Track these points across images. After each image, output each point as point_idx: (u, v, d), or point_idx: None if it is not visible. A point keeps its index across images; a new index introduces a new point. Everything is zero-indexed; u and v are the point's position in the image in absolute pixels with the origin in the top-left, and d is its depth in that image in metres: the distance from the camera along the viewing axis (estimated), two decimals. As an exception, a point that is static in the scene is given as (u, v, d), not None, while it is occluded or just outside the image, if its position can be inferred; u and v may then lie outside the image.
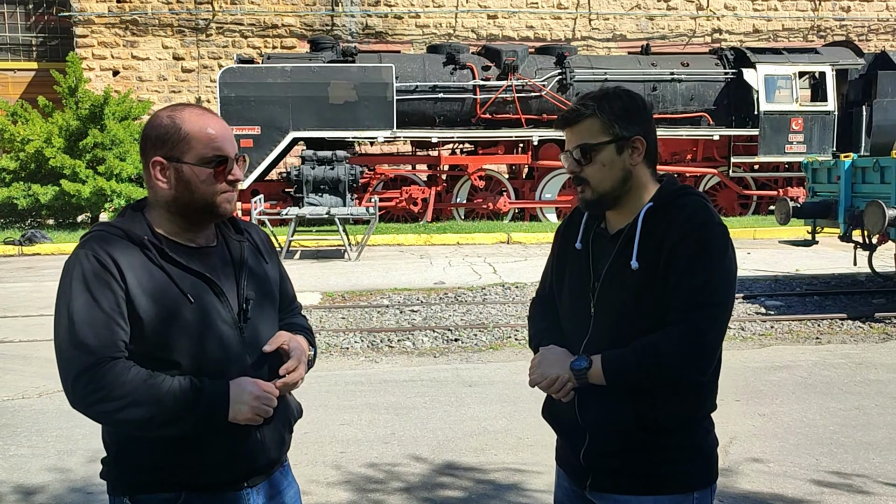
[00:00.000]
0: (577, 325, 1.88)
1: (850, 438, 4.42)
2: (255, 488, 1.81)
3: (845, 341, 6.94)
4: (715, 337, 1.74)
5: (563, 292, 1.95)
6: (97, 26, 19.69)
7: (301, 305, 2.06)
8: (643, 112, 1.85)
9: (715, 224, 1.77)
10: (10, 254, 12.93)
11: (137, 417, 1.60)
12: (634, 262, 1.77)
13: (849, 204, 8.57)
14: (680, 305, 1.72)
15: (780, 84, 15.74)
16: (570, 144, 1.85)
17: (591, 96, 1.84)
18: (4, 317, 7.98)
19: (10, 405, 5.18)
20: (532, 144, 15.38)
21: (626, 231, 1.82)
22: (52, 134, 15.01)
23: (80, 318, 1.60)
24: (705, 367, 1.75)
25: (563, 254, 1.98)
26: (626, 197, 1.83)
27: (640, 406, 1.76)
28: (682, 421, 1.79)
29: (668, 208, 1.80)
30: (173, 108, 1.75)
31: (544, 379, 1.85)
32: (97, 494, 3.76)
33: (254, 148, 14.20)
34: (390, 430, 4.60)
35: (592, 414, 1.82)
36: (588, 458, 1.84)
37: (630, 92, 1.88)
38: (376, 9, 20.19)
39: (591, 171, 1.82)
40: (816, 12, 21.32)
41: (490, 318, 7.74)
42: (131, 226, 1.71)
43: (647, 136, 1.83)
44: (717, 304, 1.73)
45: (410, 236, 13.70)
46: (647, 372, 1.73)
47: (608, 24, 20.89)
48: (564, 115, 1.86)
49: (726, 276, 1.75)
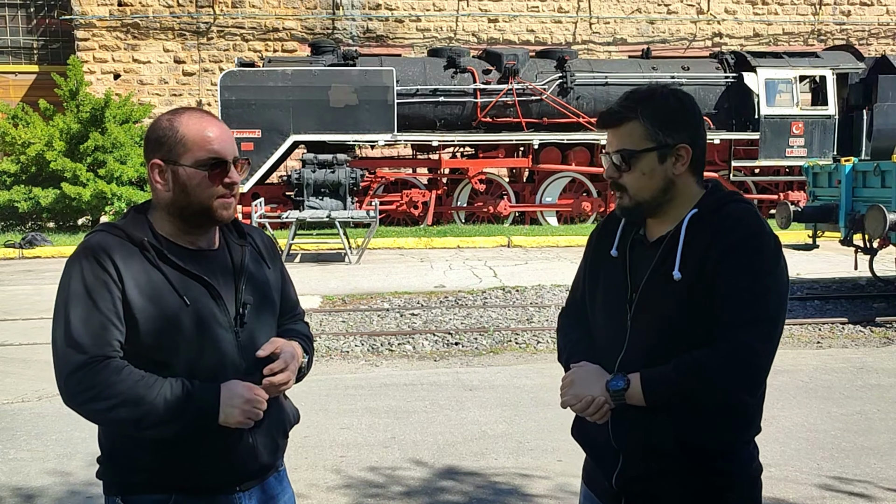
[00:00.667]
0: (612, 339, 1.75)
1: (852, 443, 4.41)
2: (248, 493, 1.80)
3: (846, 346, 6.93)
4: (766, 355, 1.61)
5: (596, 303, 1.82)
6: (98, 29, 19.72)
7: (303, 312, 2.04)
8: (691, 117, 1.72)
9: (766, 233, 1.65)
10: (10, 257, 12.94)
11: (128, 417, 1.61)
12: (677, 271, 1.64)
13: (850, 208, 8.57)
14: (728, 321, 1.59)
15: (780, 88, 15.75)
16: (610, 147, 1.73)
17: (636, 96, 1.71)
18: (4, 320, 7.98)
19: (10, 408, 5.18)
20: (533, 148, 15.39)
21: (667, 238, 1.69)
22: (52, 137, 15.02)
23: (77, 317, 1.62)
24: (755, 387, 1.63)
25: (597, 261, 1.85)
26: (667, 205, 1.71)
27: (682, 427, 1.64)
28: (727, 444, 1.66)
29: (715, 215, 1.67)
30: (174, 112, 1.76)
31: (578, 401, 1.71)
32: (97, 498, 3.75)
33: (254, 151, 14.20)
34: (390, 435, 4.59)
35: (628, 435, 1.70)
36: (621, 481, 1.71)
37: (678, 93, 1.74)
38: (377, 12, 20.21)
39: (629, 179, 1.70)
40: (817, 16, 21.34)
41: (490, 322, 7.73)
42: (133, 227, 1.72)
43: (693, 143, 1.70)
44: (769, 320, 1.61)
45: (411, 240, 13.70)
46: (692, 393, 1.60)
47: (609, 28, 20.91)
48: (605, 116, 1.74)
49: (778, 289, 1.63)
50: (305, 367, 1.88)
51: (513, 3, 20.61)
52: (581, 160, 15.66)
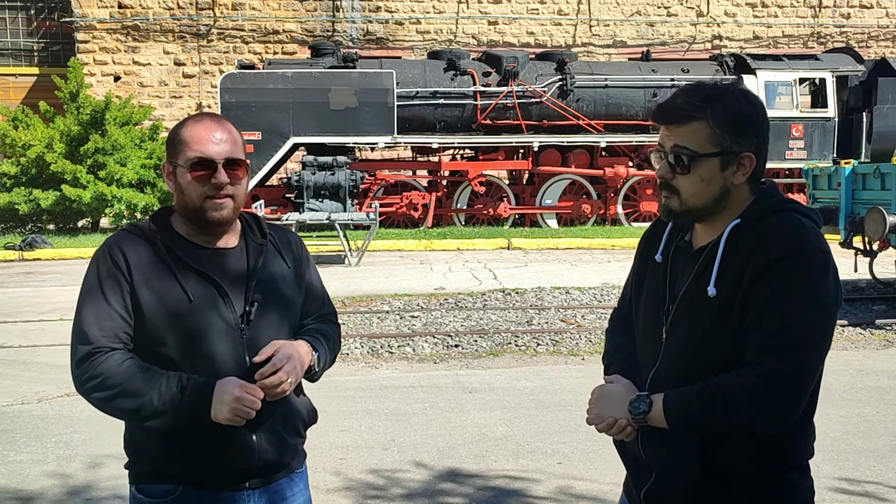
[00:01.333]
0: (648, 351, 1.67)
1: (851, 445, 4.41)
2: (257, 491, 1.82)
3: (846, 348, 6.93)
4: (795, 384, 1.48)
5: (639, 310, 1.74)
6: (99, 32, 19.74)
7: (333, 311, 2.04)
8: (760, 124, 1.58)
9: (812, 249, 1.49)
10: (10, 259, 12.93)
11: (126, 408, 1.69)
12: (712, 287, 1.53)
13: (849, 210, 8.58)
14: (756, 346, 1.48)
15: (780, 90, 15.76)
16: (665, 144, 1.58)
17: (706, 93, 1.55)
18: (4, 322, 7.98)
19: (10, 411, 5.17)
20: (532, 150, 15.39)
21: (707, 250, 1.58)
22: (53, 139, 15.03)
23: (88, 310, 1.72)
24: (783, 417, 1.49)
25: (643, 265, 1.75)
26: (717, 214, 1.59)
27: (706, 450, 1.55)
28: (762, 472, 1.56)
29: (757, 227, 1.54)
30: (190, 116, 1.84)
31: (601, 421, 1.65)
32: (96, 500, 3.76)
33: (254, 153, 14.20)
34: (390, 437, 4.59)
35: (654, 454, 1.63)
36: (649, 497, 1.66)
37: (750, 95, 1.59)
38: (377, 15, 20.23)
39: (685, 183, 1.56)
40: (816, 19, 21.37)
41: (490, 324, 7.73)
42: (151, 225, 1.81)
43: (758, 152, 1.57)
44: (800, 346, 1.47)
45: (411, 242, 13.71)
46: (714, 419, 1.51)
47: (609, 31, 20.93)
48: (667, 110, 1.58)
49: (818, 311, 1.49)
50: (317, 365, 1.86)
51: (513, 6, 20.63)
52: (581, 162, 15.66)
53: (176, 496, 1.77)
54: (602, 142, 15.36)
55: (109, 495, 3.77)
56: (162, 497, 1.78)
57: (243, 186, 1.81)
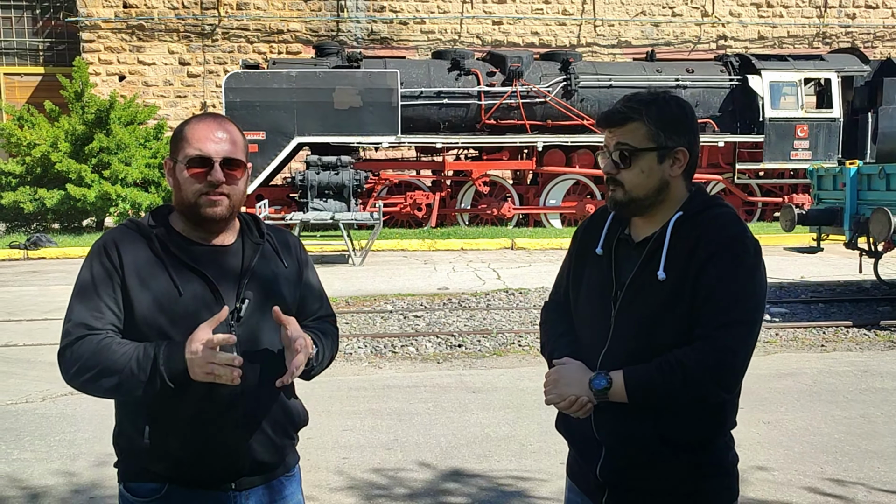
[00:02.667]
0: (595, 335, 1.81)
1: (856, 447, 4.40)
2: (246, 492, 1.81)
3: (850, 349, 6.91)
4: (744, 356, 1.68)
5: (580, 299, 1.88)
6: (104, 31, 19.78)
7: (331, 315, 2.03)
8: (690, 123, 1.80)
9: (748, 238, 1.72)
10: (15, 258, 12.97)
11: (111, 385, 1.69)
12: (661, 272, 1.71)
13: (854, 211, 8.55)
14: (709, 321, 1.66)
15: (785, 91, 15.72)
16: (609, 143, 1.79)
17: (639, 99, 1.78)
18: (9, 320, 8.00)
19: (14, 409, 5.19)
20: (537, 150, 15.38)
21: (653, 239, 1.76)
22: (58, 138, 15.06)
23: (78, 303, 1.76)
24: (732, 385, 1.70)
25: (581, 258, 1.91)
26: (657, 205, 1.78)
27: (663, 422, 1.71)
28: (706, 438, 1.75)
29: (699, 218, 1.74)
30: (196, 115, 1.86)
31: (562, 399, 1.77)
32: (101, 499, 3.76)
33: (259, 153, 14.22)
34: (393, 436, 4.60)
35: (610, 429, 1.76)
36: (605, 472, 1.78)
37: (679, 100, 1.82)
38: (381, 14, 20.24)
39: (627, 176, 1.75)
40: (822, 19, 21.32)
41: (494, 324, 7.73)
42: (148, 221, 1.83)
43: (690, 148, 1.78)
44: (748, 322, 1.68)
45: (414, 242, 13.71)
46: (673, 391, 1.67)
47: (613, 31, 20.91)
48: (608, 115, 1.79)
49: (757, 292, 1.70)
50: (315, 360, 1.85)
51: (517, 6, 20.62)
52: (585, 162, 15.65)
53: (161, 495, 1.78)
54: (606, 142, 15.33)
55: (113, 493, 3.78)
56: (148, 496, 1.79)
57: (240, 187, 1.82)
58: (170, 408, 1.73)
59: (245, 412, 1.77)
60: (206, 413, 1.74)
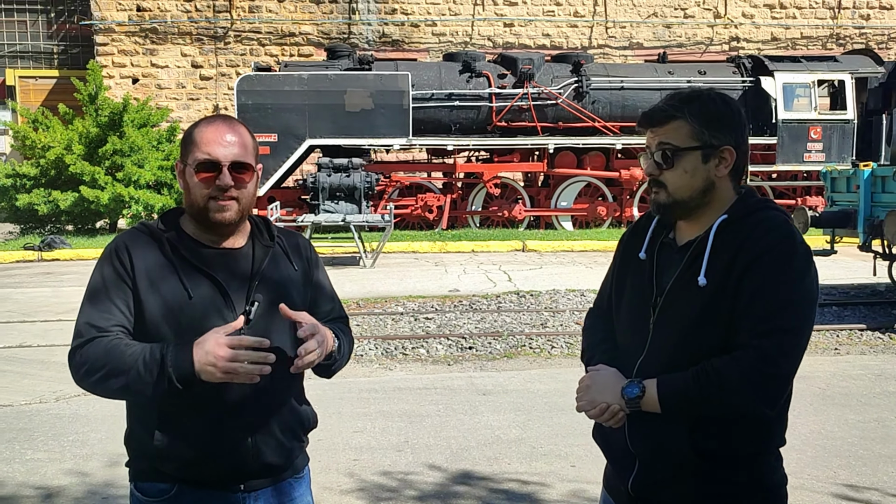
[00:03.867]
0: (634, 341, 1.74)
1: (869, 451, 4.36)
2: (254, 493, 1.81)
3: (864, 352, 6.86)
4: (788, 367, 1.58)
5: (622, 305, 1.81)
6: (117, 34, 19.92)
7: (344, 317, 2.01)
8: (737, 120, 1.72)
9: (797, 242, 1.61)
10: (29, 259, 13.08)
11: (118, 386, 1.69)
12: (702, 278, 1.62)
13: (868, 213, 8.49)
14: (750, 330, 1.57)
15: (798, 92, 15.62)
16: (651, 144, 1.72)
17: (682, 96, 1.70)
18: (23, 321, 8.06)
19: (28, 409, 5.23)
20: (548, 152, 15.36)
21: (695, 244, 1.68)
22: (72, 141, 15.17)
23: (88, 303, 1.77)
24: (774, 399, 1.59)
25: (625, 264, 1.83)
26: (702, 208, 1.69)
27: (698, 434, 1.62)
28: (748, 454, 1.64)
29: (744, 222, 1.65)
30: (205, 117, 1.85)
31: (593, 407, 1.70)
32: (114, 498, 3.79)
33: (270, 155, 14.27)
34: (404, 438, 4.60)
35: (644, 440, 1.68)
36: (637, 486, 1.70)
37: (725, 97, 1.74)
38: (393, 17, 20.28)
39: (670, 176, 1.68)
40: (835, 20, 21.18)
41: (504, 327, 7.72)
42: (160, 224, 1.83)
43: (737, 147, 1.69)
44: (792, 331, 1.57)
45: (425, 244, 13.72)
46: (709, 402, 1.58)
47: (625, 33, 20.86)
48: (650, 114, 1.72)
49: (805, 300, 1.59)
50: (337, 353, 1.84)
51: (528, 8, 20.61)
52: (597, 164, 15.61)
53: (171, 495, 1.78)
54: (618, 144, 15.30)
55: (126, 493, 3.78)
56: (158, 496, 1.79)
57: (250, 190, 1.80)
58: (179, 409, 1.73)
59: (254, 414, 1.77)
60: (215, 415, 1.74)
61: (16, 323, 8.01)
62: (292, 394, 1.86)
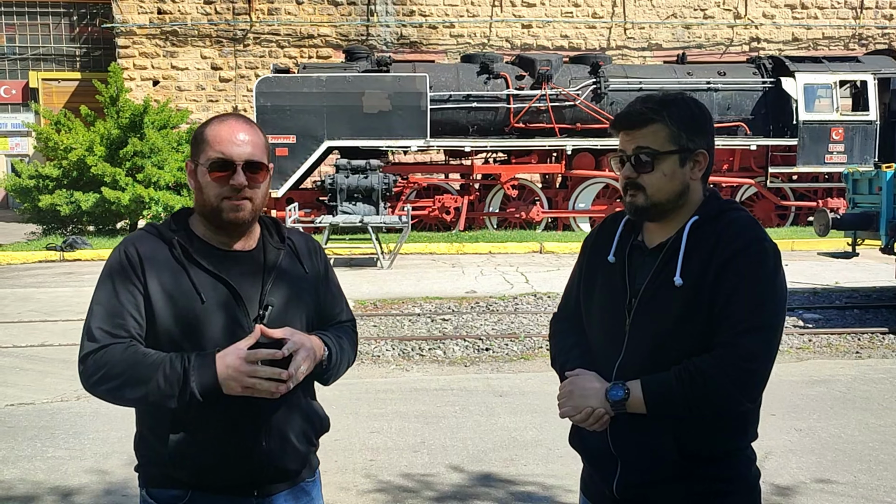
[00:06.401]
0: (609, 345, 1.75)
1: (891, 456, 4.31)
2: (269, 499, 1.79)
3: (886, 356, 6.77)
4: (767, 362, 1.62)
5: (592, 309, 1.82)
6: (138, 37, 20.13)
7: (351, 319, 1.99)
8: (710, 125, 1.75)
9: (766, 241, 1.66)
10: (52, 259, 13.24)
11: (134, 396, 1.67)
12: (678, 278, 1.65)
13: (891, 215, 8.39)
14: (729, 328, 1.61)
15: (819, 93, 15.47)
16: (626, 147, 1.72)
17: (657, 100, 1.71)
18: (45, 321, 8.17)
19: (49, 408, 5.29)
20: (566, 154, 15.32)
21: (668, 245, 1.70)
22: (93, 142, 15.36)
23: (98, 308, 1.72)
24: (756, 394, 1.65)
25: (593, 267, 1.85)
26: (676, 210, 1.72)
27: (682, 434, 1.65)
28: (727, 450, 1.69)
29: (715, 223, 1.69)
30: (215, 116, 1.81)
31: (578, 412, 1.71)
32: (133, 497, 3.82)
33: (289, 156, 14.36)
34: (420, 439, 4.60)
35: (627, 442, 1.70)
36: (621, 488, 1.72)
37: (697, 101, 1.76)
38: (411, 19, 20.32)
39: (649, 179, 1.69)
40: (858, 20, 20.95)
41: (521, 328, 7.71)
42: (169, 226, 1.80)
43: (709, 150, 1.73)
44: (769, 328, 1.62)
45: (443, 245, 13.73)
46: (694, 400, 1.61)
47: (644, 34, 20.76)
48: (626, 117, 1.72)
49: (778, 297, 1.64)
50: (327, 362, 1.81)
51: (546, 9, 20.57)
52: (615, 166, 15.55)
53: (185, 502, 1.75)
54: (636, 145, 15.22)
55: (144, 492, 3.83)
56: (171, 502, 1.76)
57: (262, 190, 1.78)
58: (194, 417, 1.70)
59: (269, 420, 1.75)
60: (230, 422, 1.72)
61: (38, 322, 8.12)
62: (306, 398, 1.84)
